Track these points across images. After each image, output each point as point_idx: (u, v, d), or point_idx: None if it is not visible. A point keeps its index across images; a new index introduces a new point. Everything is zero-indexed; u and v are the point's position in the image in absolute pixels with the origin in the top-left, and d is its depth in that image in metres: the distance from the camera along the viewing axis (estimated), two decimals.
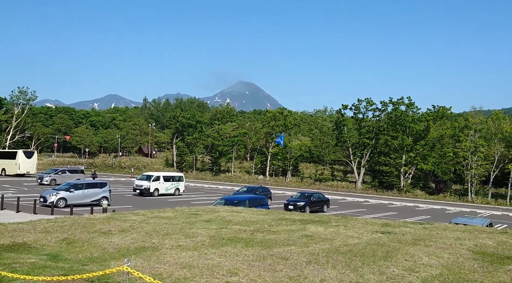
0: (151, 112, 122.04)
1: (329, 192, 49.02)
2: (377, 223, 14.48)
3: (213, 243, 9.77)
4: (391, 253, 9.08)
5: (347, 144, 61.60)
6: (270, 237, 10.73)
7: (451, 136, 56.82)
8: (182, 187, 37.52)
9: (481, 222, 18.12)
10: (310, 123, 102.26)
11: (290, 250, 9.11)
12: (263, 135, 70.88)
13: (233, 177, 66.88)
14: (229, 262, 7.95)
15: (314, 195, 30.92)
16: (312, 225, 13.07)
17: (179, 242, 9.80)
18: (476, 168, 52.22)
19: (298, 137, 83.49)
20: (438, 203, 46.35)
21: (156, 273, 7.09)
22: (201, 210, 16.85)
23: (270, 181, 62.69)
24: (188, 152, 73.48)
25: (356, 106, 61.42)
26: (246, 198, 22.52)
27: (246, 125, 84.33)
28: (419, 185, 58.97)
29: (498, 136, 52.89)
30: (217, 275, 7.09)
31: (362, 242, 10.42)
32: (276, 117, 68.69)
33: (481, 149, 52.19)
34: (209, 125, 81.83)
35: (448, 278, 7.19)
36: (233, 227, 12.26)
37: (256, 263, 7.93)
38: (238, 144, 73.57)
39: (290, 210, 26.12)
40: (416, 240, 10.86)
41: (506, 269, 8.00)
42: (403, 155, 56.17)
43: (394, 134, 56.60)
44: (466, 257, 8.95)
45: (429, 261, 8.44)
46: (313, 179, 65.28)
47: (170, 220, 13.52)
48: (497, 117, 54.49)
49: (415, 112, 58.95)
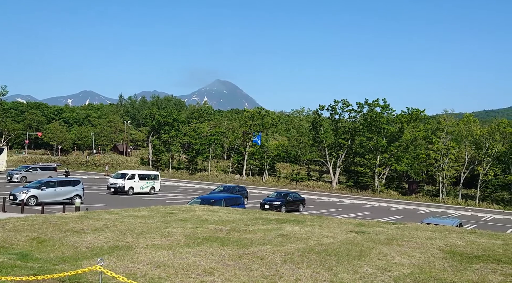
0: (126, 110, 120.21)
1: (305, 192, 49.41)
2: (351, 223, 14.68)
3: (189, 242, 9.71)
4: (364, 252, 9.22)
5: (324, 144, 62.25)
6: (246, 237, 10.74)
7: (424, 138, 58.18)
8: (157, 186, 37.11)
9: (451, 222, 18.61)
10: (287, 123, 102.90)
11: (265, 250, 9.14)
12: (241, 134, 70.86)
13: (210, 176, 66.60)
14: (205, 262, 7.91)
15: (290, 195, 31.11)
16: (287, 225, 13.15)
17: (154, 241, 9.69)
18: (447, 169, 53.64)
19: (275, 137, 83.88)
20: (411, 203, 47.37)
21: (130, 273, 7.00)
22: (176, 209, 16.71)
23: (247, 180, 62.72)
24: (164, 150, 72.74)
25: (333, 107, 62.15)
26: (222, 197, 22.46)
27: (224, 124, 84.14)
28: (393, 186, 60.13)
29: (468, 139, 54.46)
30: (192, 275, 7.05)
31: (337, 241, 10.55)
32: (253, 116, 68.80)
33: (452, 151, 53.65)
34: (186, 124, 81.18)
35: (419, 277, 7.36)
36: (209, 226, 12.21)
37: (231, 263, 7.92)
38: (215, 143, 73.31)
39: (266, 210, 26.20)
40: (389, 239, 11.06)
41: (474, 268, 8.24)
42: (377, 156, 57.15)
43: (369, 135, 57.54)
44: (437, 256, 9.18)
45: (401, 260, 8.61)
46: (289, 178, 65.68)
47: (145, 219, 13.35)
48: (468, 120, 56.11)
49: (390, 114, 60.10)
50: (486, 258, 9.21)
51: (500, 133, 52.85)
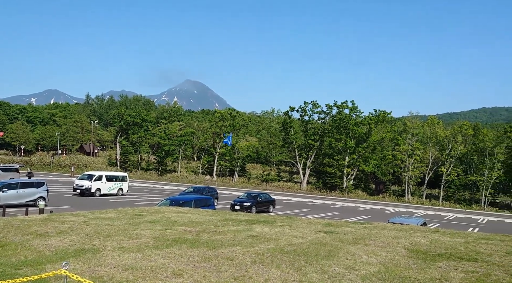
0: (94, 109, 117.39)
1: (275, 192, 49.70)
2: (320, 223, 14.88)
3: (158, 244, 9.59)
4: (333, 252, 9.37)
5: (293, 145, 62.82)
6: (215, 238, 10.70)
7: (390, 140, 59.66)
8: (125, 187, 36.45)
9: (416, 221, 19.16)
10: (258, 124, 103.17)
11: (235, 251, 9.14)
12: (211, 135, 70.56)
13: (180, 177, 65.96)
14: (174, 264, 7.84)
15: (261, 196, 31.22)
16: (258, 225, 13.20)
17: (121, 244, 9.51)
18: (413, 170, 55.22)
19: (245, 138, 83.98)
20: (378, 203, 48.48)
21: (97, 276, 6.84)
22: (145, 210, 16.46)
23: (217, 181, 62.48)
24: (132, 151, 71.49)
25: (303, 108, 62.84)
26: (192, 199, 22.30)
27: (194, 125, 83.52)
28: (361, 186, 61.36)
29: (432, 140, 56.27)
30: (161, 277, 6.96)
31: (306, 241, 10.67)
32: (224, 117, 68.65)
33: (418, 152, 55.28)
34: (156, 124, 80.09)
35: (385, 275, 7.54)
36: (178, 228, 12.09)
37: (201, 264, 7.88)
38: (185, 144, 72.66)
39: (236, 211, 26.19)
40: (356, 239, 11.28)
41: (437, 265, 8.52)
42: (346, 157, 58.17)
43: (338, 137, 58.49)
44: (402, 255, 9.43)
45: (368, 259, 8.80)
46: (260, 179, 65.90)
47: (112, 221, 13.08)
48: (432, 122, 57.97)
49: (358, 115, 61.30)
50: (448, 256, 9.54)
51: (462, 135, 54.88)
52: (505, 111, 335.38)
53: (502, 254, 9.93)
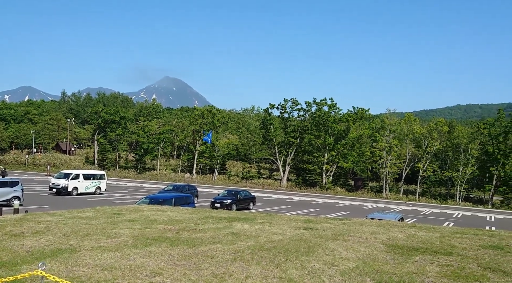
0: (70, 107, 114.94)
1: (256, 190, 49.82)
2: (300, 220, 15.00)
3: (137, 243, 9.49)
4: (312, 248, 9.46)
5: (273, 142, 63.05)
6: (196, 236, 10.67)
7: (368, 137, 60.52)
8: (103, 186, 35.93)
9: (393, 216, 19.51)
10: (238, 122, 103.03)
11: (215, 248, 9.13)
12: (191, 133, 70.13)
13: (159, 175, 65.38)
14: (153, 262, 7.78)
15: (241, 193, 31.25)
16: (238, 223, 13.21)
17: (99, 243, 9.38)
18: (390, 166, 56.16)
19: (225, 136, 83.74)
20: (356, 199, 49.15)
21: (74, 276, 6.74)
22: (124, 209, 16.26)
23: (197, 179, 62.21)
24: (110, 149, 70.45)
25: (282, 106, 63.09)
26: (171, 197, 22.15)
27: (173, 123, 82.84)
28: (340, 182, 62.08)
29: (409, 137, 57.33)
30: (140, 276, 6.90)
31: (286, 238, 10.74)
32: (204, 115, 68.33)
33: (395, 148, 56.24)
34: (134, 122, 79.05)
35: (363, 270, 7.66)
36: (158, 227, 12.00)
37: (181, 262, 7.84)
38: (165, 141, 72.03)
39: (216, 208, 26.14)
40: (335, 235, 11.42)
41: (414, 260, 8.71)
42: (325, 154, 58.73)
43: (317, 134, 58.99)
44: (380, 250, 9.60)
45: (347, 255, 8.92)
46: (240, 176, 65.92)
47: (90, 220, 12.88)
48: (409, 119, 59.05)
49: (337, 113, 61.93)
50: (424, 250, 9.76)
51: (438, 131, 56.12)
52: (478, 108, 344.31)
53: (475, 248, 10.22)
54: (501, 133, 53.20)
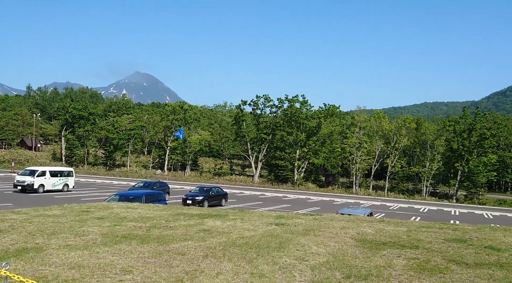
0: (36, 102, 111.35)
1: (228, 186, 49.76)
2: (272, 215, 15.09)
3: (106, 241, 9.32)
4: (284, 243, 9.55)
5: (246, 138, 63.10)
6: (167, 233, 10.57)
7: (339, 133, 61.47)
8: (71, 183, 35.05)
9: (363, 212, 19.91)
10: (210, 118, 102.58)
11: (187, 245, 9.08)
12: (162, 129, 69.28)
13: (129, 171, 64.31)
14: (123, 260, 7.66)
15: (213, 189, 31.15)
16: (210, 219, 13.17)
17: (67, 242, 9.15)
18: (360, 162, 57.26)
19: (197, 132, 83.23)
20: (327, 195, 49.87)
21: (40, 276, 6.55)
22: (93, 206, 15.93)
23: (168, 175, 61.57)
24: (79, 145, 68.75)
25: (255, 102, 63.18)
26: (142, 194, 21.85)
27: (144, 118, 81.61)
28: (311, 178, 62.82)
29: (378, 133, 58.59)
30: (109, 274, 6.79)
31: (258, 234, 10.79)
32: (175, 111, 67.61)
33: (365, 145, 57.37)
34: (103, 118, 77.40)
35: (333, 265, 7.80)
36: (128, 224, 11.82)
37: (151, 260, 7.76)
38: (135, 137, 70.88)
39: (188, 205, 25.97)
40: (306, 230, 11.56)
41: (382, 253, 8.93)
42: (297, 150, 59.27)
43: (289, 130, 59.44)
44: (350, 245, 9.79)
45: (318, 250, 9.05)
46: (212, 173, 65.69)
47: (57, 218, 12.55)
48: (378, 116, 60.33)
49: (308, 109, 62.58)
50: (392, 244, 10.02)
51: (406, 128, 57.61)
52: (444, 106, 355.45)
53: (440, 241, 10.57)
54: (465, 131, 55.10)
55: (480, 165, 53.51)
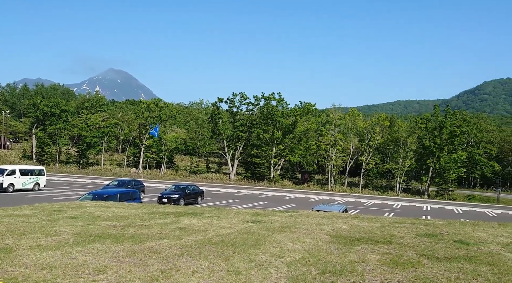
0: (5, 98, 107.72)
1: (204, 184, 49.55)
2: (248, 213, 15.12)
3: (79, 240, 9.14)
4: (260, 241, 9.58)
5: (222, 136, 62.93)
6: (142, 232, 10.45)
7: (315, 131, 62.06)
8: (43, 182, 34.20)
9: (338, 208, 20.21)
10: (186, 116, 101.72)
11: (162, 244, 9.00)
12: (137, 126, 68.31)
13: (103, 170, 63.21)
14: (97, 260, 7.53)
15: (189, 187, 30.96)
16: (185, 218, 13.09)
17: (38, 242, 8.93)
18: (335, 159, 57.99)
19: (173, 129, 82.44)
20: (303, 192, 50.30)
21: (10, 277, 6.37)
22: (65, 206, 15.58)
23: (143, 173, 60.83)
24: (50, 143, 67.06)
25: (231, 100, 63.06)
26: (116, 192, 21.51)
27: (118, 116, 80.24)
28: (287, 176, 63.22)
29: (353, 131, 59.46)
30: (82, 275, 6.66)
31: (234, 231, 10.79)
32: (150, 108, 66.76)
33: (340, 142, 58.12)
34: (76, 115, 75.69)
35: (309, 261, 7.88)
36: (101, 223, 11.62)
37: (126, 259, 7.66)
38: (109, 135, 69.66)
39: (164, 203, 25.75)
40: (282, 227, 11.63)
41: (356, 249, 9.08)
42: (273, 147, 59.51)
43: (266, 128, 59.62)
44: (325, 241, 9.91)
45: (293, 246, 9.13)
46: (188, 171, 65.23)
47: (27, 218, 12.21)
48: (353, 114, 61.20)
49: (284, 107, 62.92)
50: (366, 240, 10.20)
51: (380, 126, 58.65)
52: (417, 104, 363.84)
53: (412, 236, 10.83)
54: (437, 128, 56.53)
55: (451, 162, 55.02)
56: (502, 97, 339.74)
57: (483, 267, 7.70)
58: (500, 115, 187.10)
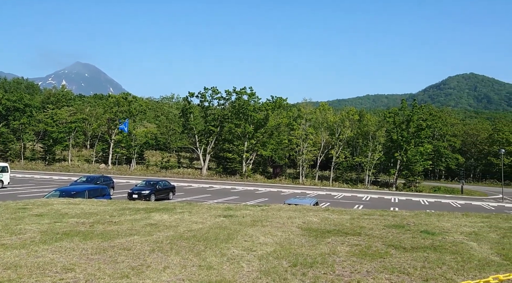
0: None
1: (176, 179, 49.09)
2: (220, 208, 15.10)
3: (45, 239, 8.89)
4: (232, 235, 9.60)
5: (194, 131, 62.44)
6: (111, 228, 10.27)
7: (286, 125, 62.45)
8: (6, 179, 33.01)
9: (309, 201, 20.44)
10: (156, 110, 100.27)
11: (133, 240, 8.87)
12: (105, 121, 66.83)
13: (71, 166, 61.60)
14: (64, 258, 7.35)
15: (160, 183, 30.60)
16: (156, 213, 12.95)
17: (2, 241, 8.63)
18: (307, 153, 58.61)
19: (143, 124, 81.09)
20: (275, 186, 50.62)
21: None
22: (30, 203, 15.11)
23: (113, 169, 59.68)
24: (14, 139, 64.70)
25: (202, 94, 62.57)
26: (85, 189, 21.03)
27: (86, 111, 78.28)
28: (259, 170, 63.44)
29: (324, 125, 60.21)
30: (49, 273, 6.49)
31: (206, 226, 10.77)
32: (119, 102, 65.39)
33: (311, 136, 58.74)
34: (41, 110, 73.30)
35: (280, 254, 7.96)
36: (69, 220, 11.34)
37: (95, 257, 7.51)
38: (76, 131, 67.88)
39: (134, 199, 25.34)
40: (254, 221, 11.68)
41: (327, 241, 9.24)
42: (245, 142, 59.55)
43: (237, 122, 59.54)
44: (296, 234, 10.02)
45: (265, 240, 9.19)
46: (159, 166, 64.44)
47: None
48: (324, 108, 61.94)
49: (256, 102, 62.94)
50: (336, 232, 10.38)
51: (349, 120, 59.63)
52: (385, 98, 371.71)
53: (381, 228, 11.10)
54: (404, 122, 57.97)
55: (417, 155, 56.59)
56: (466, 91, 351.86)
57: (447, 255, 7.99)
58: (463, 109, 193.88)
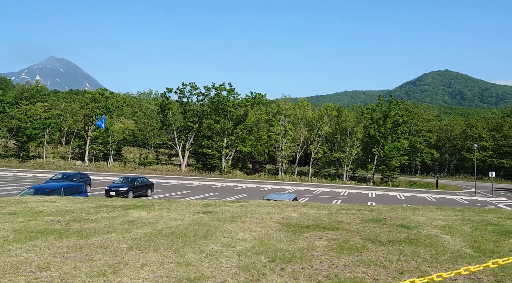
0: None
1: (154, 176, 48.65)
2: (199, 204, 15.04)
3: (19, 237, 8.69)
4: (211, 231, 9.58)
5: (172, 127, 61.91)
6: (88, 226, 10.10)
7: (266, 121, 62.58)
8: None
9: (288, 197, 20.56)
10: (134, 106, 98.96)
11: (110, 238, 8.76)
12: (81, 117, 65.55)
13: (46, 163, 60.25)
14: (39, 257, 7.20)
15: (138, 180, 30.28)
16: (134, 210, 12.81)
17: None
18: (286, 149, 58.91)
19: (121, 120, 79.92)
20: (254, 182, 50.76)
21: None
22: (3, 201, 14.72)
23: (89, 166, 58.69)
24: None
25: (181, 90, 62.05)
26: (60, 186, 20.64)
27: (61, 106, 76.66)
28: (238, 166, 63.45)
29: (303, 121, 60.58)
30: (23, 273, 6.35)
31: (185, 223, 10.71)
32: (96, 98, 64.25)
33: (290, 132, 59.05)
34: (14, 105, 71.37)
35: (259, 249, 7.99)
36: (44, 218, 11.11)
37: (71, 255, 7.39)
38: (51, 127, 66.38)
39: (112, 196, 25.03)
40: (233, 217, 11.69)
41: (305, 236, 9.32)
42: (224, 138, 59.40)
43: (217, 119, 59.32)
44: (275, 229, 10.08)
45: (244, 236, 9.21)
46: (137, 163, 63.69)
47: None
48: (302, 104, 62.28)
49: (235, 98, 62.80)
50: (315, 227, 10.49)
51: (328, 116, 60.16)
52: (363, 94, 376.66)
53: (358, 222, 11.27)
54: (381, 118, 58.84)
55: (394, 150, 57.56)
56: (441, 88, 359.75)
57: (422, 249, 8.18)
58: (438, 105, 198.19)
